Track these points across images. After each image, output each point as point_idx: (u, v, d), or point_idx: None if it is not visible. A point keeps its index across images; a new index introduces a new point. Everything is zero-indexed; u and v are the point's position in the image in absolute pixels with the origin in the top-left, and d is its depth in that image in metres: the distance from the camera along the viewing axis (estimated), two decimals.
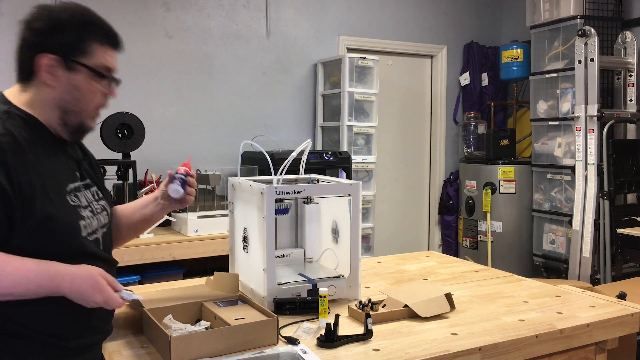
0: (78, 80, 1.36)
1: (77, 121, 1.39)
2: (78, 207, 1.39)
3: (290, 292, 1.80)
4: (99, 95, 1.40)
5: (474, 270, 2.38)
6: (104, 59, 1.39)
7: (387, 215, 5.11)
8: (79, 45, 1.35)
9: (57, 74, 1.34)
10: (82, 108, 1.38)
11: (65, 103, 1.36)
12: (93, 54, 1.37)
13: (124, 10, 3.93)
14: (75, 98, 1.36)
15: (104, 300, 1.30)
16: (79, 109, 1.38)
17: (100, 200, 1.50)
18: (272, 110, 4.49)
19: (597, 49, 4.01)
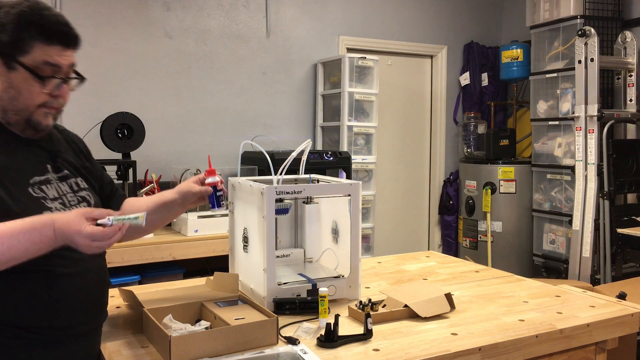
0: (16, 79, 1.32)
1: (18, 119, 1.36)
2: (43, 199, 1.37)
3: (290, 292, 1.80)
4: (40, 94, 1.35)
5: (474, 270, 2.38)
6: (48, 57, 1.34)
7: (387, 215, 5.11)
8: (17, 44, 1.31)
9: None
10: (19, 107, 1.35)
11: (3, 101, 1.34)
12: (32, 53, 1.32)
13: (124, 10, 3.93)
14: (11, 97, 1.33)
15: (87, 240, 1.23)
16: (16, 108, 1.35)
17: (82, 191, 1.48)
18: (272, 110, 4.49)
19: (597, 49, 4.01)
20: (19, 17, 1.33)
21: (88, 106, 3.76)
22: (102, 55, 3.84)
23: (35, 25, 1.33)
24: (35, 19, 1.34)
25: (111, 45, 3.88)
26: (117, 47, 3.89)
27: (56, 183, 1.43)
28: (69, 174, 1.48)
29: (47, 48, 1.34)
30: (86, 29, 3.80)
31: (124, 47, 3.93)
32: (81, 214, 1.25)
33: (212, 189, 1.67)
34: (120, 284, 2.97)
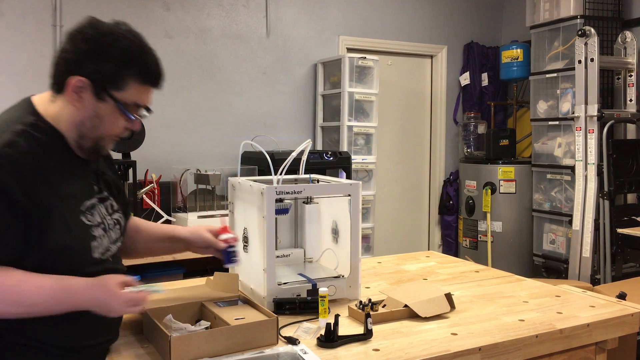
0: (103, 110, 1.32)
1: (90, 146, 1.37)
2: (91, 227, 1.38)
3: (290, 292, 1.80)
4: (120, 127, 1.37)
5: (474, 270, 2.38)
6: (137, 96, 1.35)
7: (387, 215, 5.11)
8: (114, 79, 1.31)
9: (84, 97, 1.30)
10: (98, 136, 1.35)
11: (84, 127, 1.33)
12: (127, 91, 1.33)
13: (124, 10, 3.93)
14: (94, 125, 1.33)
15: (124, 305, 1.31)
16: (95, 136, 1.35)
17: (115, 213, 1.48)
18: (272, 110, 4.49)
19: (597, 49, 4.01)
20: (125, 52, 1.31)
21: None
22: None
23: (138, 65, 1.33)
24: (138, 58, 1.33)
25: None
26: None
27: (99, 206, 1.43)
28: (107, 195, 1.48)
29: (140, 88, 1.35)
30: None
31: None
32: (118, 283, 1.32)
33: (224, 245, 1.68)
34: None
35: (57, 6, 3.73)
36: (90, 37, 1.30)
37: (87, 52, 1.29)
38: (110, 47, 1.30)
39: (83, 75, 1.29)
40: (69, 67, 1.30)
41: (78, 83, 1.29)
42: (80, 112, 1.32)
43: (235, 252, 1.74)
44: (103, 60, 1.30)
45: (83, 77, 1.29)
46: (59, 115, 1.33)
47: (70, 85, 1.29)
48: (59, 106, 1.33)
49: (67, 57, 1.31)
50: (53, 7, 3.73)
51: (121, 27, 1.34)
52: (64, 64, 1.31)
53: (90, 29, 1.31)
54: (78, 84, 1.29)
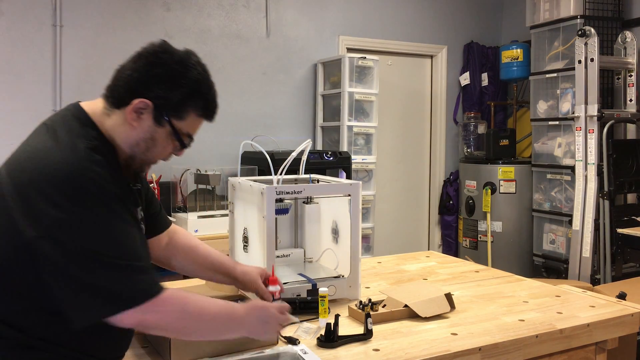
0: (159, 134, 1.32)
1: (137, 166, 1.37)
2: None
3: (290, 292, 1.80)
4: (166, 153, 1.38)
5: (474, 270, 2.38)
6: (192, 127, 1.36)
7: (387, 215, 5.11)
8: (178, 108, 1.31)
9: (143, 118, 1.30)
10: (148, 158, 1.36)
11: (138, 148, 1.32)
12: (186, 121, 1.33)
13: (124, 10, 3.93)
14: (147, 147, 1.33)
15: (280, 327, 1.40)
16: (145, 158, 1.35)
17: (141, 222, 1.47)
18: (272, 110, 4.49)
19: (597, 49, 4.01)
20: (194, 84, 1.31)
21: None
22: (102, 55, 3.84)
23: (203, 99, 1.34)
24: (204, 93, 1.34)
25: (111, 45, 3.87)
26: (117, 47, 3.88)
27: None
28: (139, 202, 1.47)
29: (196, 120, 1.35)
30: (86, 29, 3.81)
31: (124, 47, 3.92)
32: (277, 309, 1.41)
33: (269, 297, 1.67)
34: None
35: (57, 6, 3.73)
36: (164, 62, 1.31)
37: (158, 77, 1.30)
38: (181, 76, 1.31)
39: (148, 98, 1.28)
40: (136, 88, 1.29)
41: (141, 105, 1.28)
42: (136, 133, 1.31)
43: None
44: (172, 88, 1.30)
45: (148, 100, 1.28)
46: (114, 131, 1.32)
47: (133, 105, 1.28)
48: (115, 122, 1.31)
49: (136, 77, 1.30)
50: (53, 7, 3.73)
51: (192, 58, 1.35)
52: (131, 82, 1.30)
53: (164, 54, 1.32)
54: (141, 106, 1.28)
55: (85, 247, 1.14)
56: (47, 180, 1.15)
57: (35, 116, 1.48)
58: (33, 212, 1.14)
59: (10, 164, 1.23)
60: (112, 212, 1.20)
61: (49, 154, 1.20)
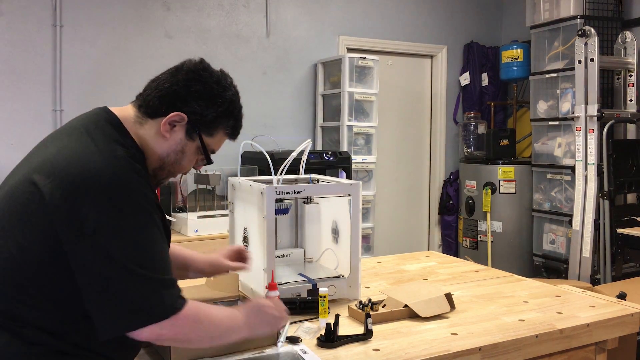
0: (188, 148, 1.36)
1: (164, 178, 1.40)
2: None
3: (290, 292, 1.80)
4: (189, 167, 1.42)
5: (474, 270, 2.38)
6: (217, 144, 1.41)
7: (387, 215, 5.11)
8: (210, 124, 1.35)
9: (176, 130, 1.33)
10: (175, 170, 1.39)
11: (168, 159, 1.35)
12: (214, 138, 1.38)
13: (124, 10, 3.92)
14: (176, 160, 1.36)
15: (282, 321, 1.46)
16: (173, 169, 1.38)
17: None
18: (272, 110, 4.49)
19: (597, 49, 4.01)
20: (228, 105, 1.37)
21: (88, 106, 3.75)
22: (102, 55, 3.84)
23: (234, 119, 1.40)
24: (235, 113, 1.40)
25: (111, 45, 3.87)
26: (117, 47, 3.88)
27: None
28: None
29: (223, 138, 1.41)
30: (86, 29, 3.80)
31: (124, 47, 3.93)
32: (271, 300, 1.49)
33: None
34: None
35: (57, 6, 3.73)
36: (204, 80, 1.34)
37: (197, 94, 1.33)
38: (218, 96, 1.35)
39: (184, 112, 1.32)
40: (174, 101, 1.32)
41: (177, 118, 1.31)
42: (168, 144, 1.34)
43: None
44: (209, 105, 1.34)
45: (184, 114, 1.32)
46: (146, 140, 1.33)
47: (169, 117, 1.31)
48: (147, 131, 1.33)
49: (175, 91, 1.32)
50: (53, 7, 3.73)
51: (228, 79, 1.41)
52: (168, 95, 1.32)
53: (204, 72, 1.36)
54: (177, 119, 1.32)
55: (124, 256, 1.15)
56: (92, 185, 1.16)
57: (35, 116, 1.48)
58: (77, 217, 1.14)
59: (47, 167, 1.21)
60: (153, 221, 1.22)
61: (92, 159, 1.20)
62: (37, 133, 3.46)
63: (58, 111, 3.70)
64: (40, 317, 1.18)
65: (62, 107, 3.71)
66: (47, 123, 3.67)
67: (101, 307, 1.15)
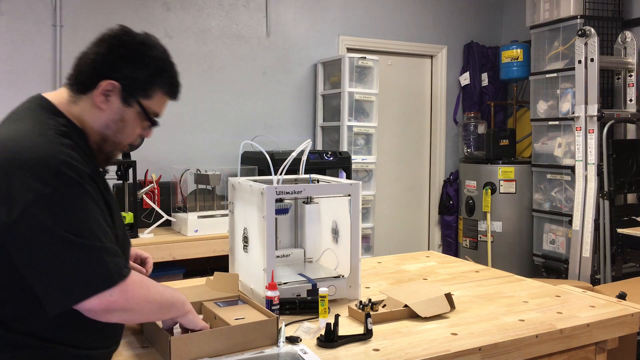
0: (128, 115, 1.35)
1: (110, 150, 1.39)
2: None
3: (290, 292, 1.80)
4: (136, 135, 1.40)
5: (474, 270, 2.38)
6: (159, 106, 1.40)
7: (387, 215, 5.11)
8: (145, 86, 1.34)
9: (111, 100, 1.32)
10: (120, 140, 1.38)
11: (108, 130, 1.34)
12: (152, 100, 1.37)
13: (124, 10, 3.93)
14: (118, 129, 1.35)
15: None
16: (117, 140, 1.37)
17: None
18: (272, 110, 4.49)
19: (597, 49, 4.01)
20: (159, 62, 1.36)
21: None
22: None
23: (168, 76, 1.38)
24: (167, 70, 1.38)
25: None
26: None
27: None
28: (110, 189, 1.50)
29: (162, 99, 1.39)
30: (86, 29, 3.80)
31: None
32: None
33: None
34: None
35: (57, 6, 3.73)
36: (128, 43, 1.33)
37: (124, 58, 1.32)
38: (145, 56, 1.34)
39: (115, 80, 1.31)
40: (102, 71, 1.31)
41: (109, 86, 1.30)
42: (106, 115, 1.33)
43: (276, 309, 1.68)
44: (138, 67, 1.32)
45: (115, 81, 1.30)
46: (83, 116, 1.33)
47: (101, 88, 1.30)
48: (82, 107, 1.33)
49: (100, 60, 1.31)
50: (53, 7, 3.73)
51: (152, 38, 1.38)
52: (95, 67, 1.32)
53: (126, 36, 1.34)
54: (109, 87, 1.31)
55: (60, 227, 1.14)
56: (21, 166, 1.16)
57: None
58: (8, 198, 1.14)
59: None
60: (85, 192, 1.20)
61: (19, 142, 1.20)
62: None
63: None
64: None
65: None
66: None
67: (45, 282, 1.15)
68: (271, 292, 1.65)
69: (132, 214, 3.30)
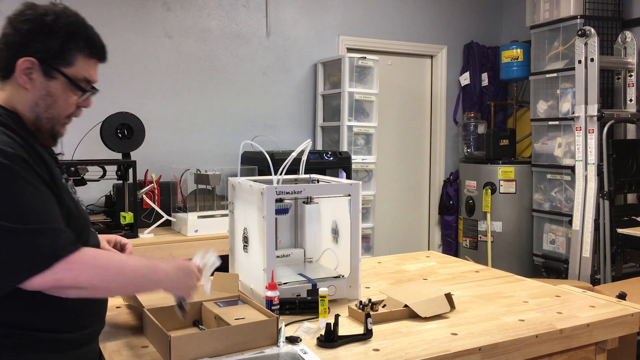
0: (54, 88, 1.33)
1: (49, 127, 1.37)
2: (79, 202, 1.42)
3: (290, 292, 1.80)
4: (73, 105, 1.38)
5: (474, 270, 2.38)
6: (86, 71, 1.37)
7: (387, 215, 5.11)
8: (62, 54, 1.32)
9: (34, 77, 1.31)
10: (53, 115, 1.36)
11: (38, 108, 1.33)
12: (75, 65, 1.35)
13: (124, 10, 3.92)
14: (48, 105, 1.34)
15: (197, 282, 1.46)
16: (52, 115, 1.35)
17: (76, 193, 1.50)
18: (272, 110, 4.49)
19: (597, 49, 4.01)
20: (68, 27, 1.33)
21: None
22: None
23: (83, 38, 1.36)
24: (82, 32, 1.36)
25: (111, 45, 3.84)
26: (117, 47, 3.88)
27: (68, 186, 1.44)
28: (68, 176, 1.50)
29: (87, 62, 1.37)
30: None
31: (124, 47, 3.93)
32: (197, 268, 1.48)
33: None
34: None
35: None
36: (31, 17, 1.31)
37: (31, 32, 1.30)
38: (53, 23, 1.32)
39: (30, 56, 1.30)
40: (15, 50, 1.30)
41: (26, 64, 1.30)
42: (32, 93, 1.32)
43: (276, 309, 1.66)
44: (48, 37, 1.31)
45: (31, 57, 1.30)
46: (12, 100, 1.33)
47: (19, 68, 1.30)
48: (9, 92, 1.33)
49: (11, 41, 1.31)
50: None
51: (58, 6, 1.36)
52: (8, 48, 1.31)
53: (29, 10, 1.33)
54: (27, 65, 1.30)
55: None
56: None
57: None
58: None
59: None
60: (17, 175, 1.20)
61: None
62: None
63: None
64: None
65: None
66: None
67: None
68: (271, 292, 1.65)
69: (132, 214, 3.30)
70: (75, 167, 3.21)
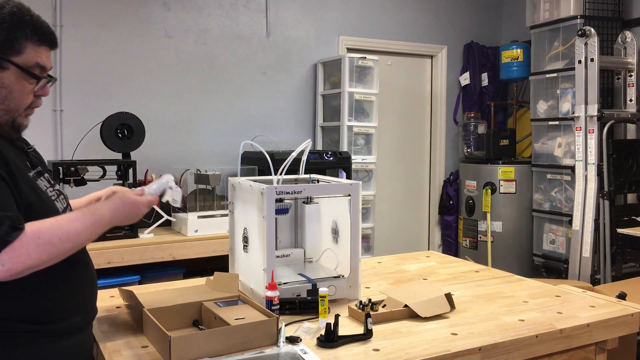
0: (7, 79, 1.33)
1: (7, 120, 1.36)
2: (46, 191, 1.40)
3: (290, 292, 1.80)
4: (30, 95, 1.38)
5: (474, 270, 2.38)
6: (38, 58, 1.36)
7: (387, 215, 5.11)
8: (9, 43, 1.32)
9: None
10: (10, 107, 1.35)
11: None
12: (25, 53, 1.34)
13: (124, 10, 3.92)
14: (4, 97, 1.33)
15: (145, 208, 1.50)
16: (10, 107, 1.35)
17: (54, 186, 1.49)
18: (272, 110, 4.49)
19: (597, 49, 4.01)
20: (12, 16, 1.33)
21: (88, 106, 3.76)
22: (102, 55, 3.84)
23: (28, 25, 1.35)
24: (27, 20, 1.35)
25: (111, 45, 3.87)
26: (117, 47, 3.88)
27: (39, 178, 1.43)
28: (42, 169, 1.48)
29: (38, 49, 1.36)
30: (86, 29, 3.81)
31: (124, 47, 3.93)
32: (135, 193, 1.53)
33: None
34: (120, 284, 2.97)
35: (57, 6, 3.73)
36: None
37: None
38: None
39: None
40: None
41: None
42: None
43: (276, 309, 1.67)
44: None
45: None
46: None
47: None
48: None
49: None
50: (53, 7, 3.73)
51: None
52: None
53: None
54: None
55: None
56: None
57: (35, 116, 1.48)
58: None
59: None
60: None
61: None
62: (37, 133, 3.46)
63: (58, 111, 3.70)
64: None
65: (62, 107, 3.71)
66: (47, 123, 3.67)
67: None
68: (271, 292, 1.65)
69: None
70: (75, 167, 3.21)
